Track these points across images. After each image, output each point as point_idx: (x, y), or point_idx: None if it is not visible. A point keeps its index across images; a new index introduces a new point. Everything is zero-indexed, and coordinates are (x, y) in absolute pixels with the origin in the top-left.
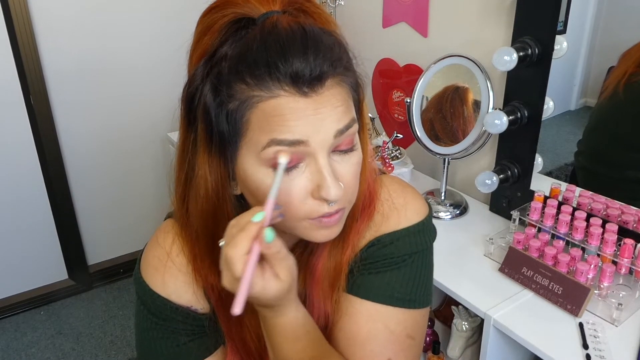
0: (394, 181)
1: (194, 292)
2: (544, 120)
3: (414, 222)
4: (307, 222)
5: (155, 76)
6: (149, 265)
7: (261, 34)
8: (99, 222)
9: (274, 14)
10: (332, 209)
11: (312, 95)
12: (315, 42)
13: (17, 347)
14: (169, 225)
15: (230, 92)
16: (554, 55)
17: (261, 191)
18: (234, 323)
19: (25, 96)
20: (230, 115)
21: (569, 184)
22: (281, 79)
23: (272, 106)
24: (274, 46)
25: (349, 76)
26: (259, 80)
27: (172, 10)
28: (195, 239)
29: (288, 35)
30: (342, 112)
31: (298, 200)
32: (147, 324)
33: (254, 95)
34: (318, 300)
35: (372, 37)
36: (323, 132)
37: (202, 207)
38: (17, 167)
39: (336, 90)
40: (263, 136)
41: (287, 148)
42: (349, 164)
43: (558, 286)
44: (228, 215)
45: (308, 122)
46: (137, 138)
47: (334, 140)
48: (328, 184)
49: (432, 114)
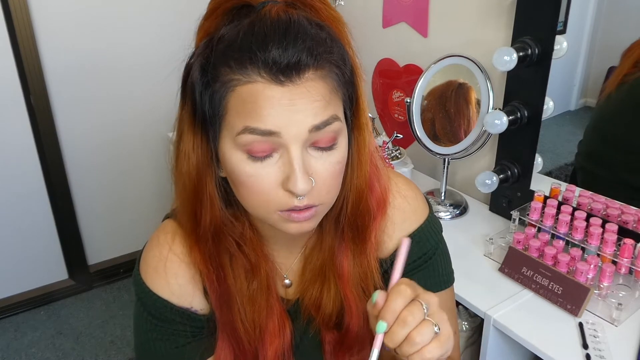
0: (397, 175)
1: (194, 290)
2: (544, 120)
3: (427, 213)
4: (277, 214)
5: (156, 76)
6: (149, 266)
7: (251, 20)
8: (99, 222)
9: (271, 2)
10: (301, 203)
11: (288, 84)
12: (297, 32)
13: (17, 347)
14: (168, 225)
15: (215, 73)
16: (554, 55)
17: (235, 174)
18: (226, 311)
19: (25, 95)
20: (212, 97)
21: (569, 184)
22: (260, 65)
23: (247, 91)
24: (258, 33)
25: (337, 72)
26: (240, 64)
27: (172, 10)
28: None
29: (273, 23)
30: (321, 107)
31: (269, 189)
32: (147, 326)
33: (234, 78)
34: (355, 303)
35: (372, 37)
36: (297, 124)
37: (185, 182)
38: (17, 166)
39: (317, 84)
40: (238, 121)
41: (260, 137)
42: (327, 162)
43: (558, 286)
44: (210, 194)
45: (282, 113)
46: (137, 138)
47: (309, 135)
48: (296, 176)
49: (432, 113)
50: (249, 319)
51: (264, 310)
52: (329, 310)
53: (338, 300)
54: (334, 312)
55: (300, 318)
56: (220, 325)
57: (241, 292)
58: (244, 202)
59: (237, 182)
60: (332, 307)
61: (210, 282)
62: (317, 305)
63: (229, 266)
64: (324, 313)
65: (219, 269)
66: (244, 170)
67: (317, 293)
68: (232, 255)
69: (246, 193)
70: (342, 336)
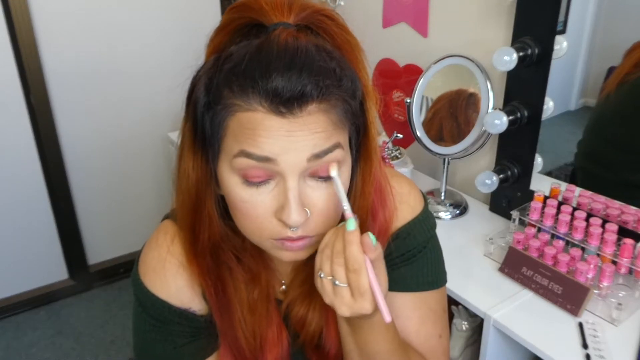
0: (390, 171)
1: (192, 292)
2: (544, 120)
3: (419, 210)
4: (270, 241)
5: (156, 76)
6: (148, 267)
7: (259, 44)
8: (100, 222)
9: (281, 26)
10: (295, 234)
11: (288, 116)
12: (303, 62)
13: (17, 347)
14: (167, 225)
15: (217, 95)
16: (554, 55)
17: (231, 197)
18: (227, 320)
19: (25, 96)
20: (213, 118)
21: (569, 184)
22: (261, 94)
23: (247, 118)
24: (263, 60)
25: (344, 105)
26: (242, 90)
27: (173, 11)
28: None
29: (279, 50)
30: (322, 138)
31: (262, 217)
32: (145, 326)
33: (235, 103)
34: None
35: (372, 37)
36: (295, 154)
37: (185, 199)
38: (18, 167)
39: (319, 117)
40: (235, 145)
41: (255, 163)
42: (326, 193)
43: (558, 286)
44: (208, 212)
45: (278, 142)
46: (137, 138)
47: (308, 164)
48: (290, 207)
49: (441, 118)
50: (249, 328)
51: (264, 320)
52: (312, 328)
53: (322, 319)
54: (317, 331)
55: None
56: (222, 334)
57: (242, 302)
58: (238, 225)
59: (232, 205)
60: (314, 325)
61: (209, 295)
62: (302, 322)
63: (229, 278)
64: (307, 331)
65: (217, 283)
66: (238, 194)
67: (304, 311)
68: (231, 268)
69: (240, 217)
70: (323, 356)
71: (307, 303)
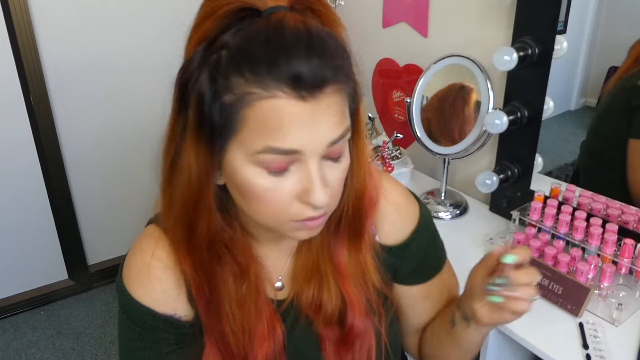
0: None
1: (178, 297)
2: (544, 120)
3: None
4: (290, 224)
5: (155, 75)
6: (132, 273)
7: (266, 29)
8: (99, 222)
9: (280, 9)
10: (317, 213)
11: (310, 100)
12: (320, 46)
13: (17, 347)
14: (151, 230)
15: (227, 84)
16: (554, 55)
17: (249, 188)
18: (214, 316)
19: (25, 95)
20: (224, 108)
21: (569, 184)
22: (281, 79)
23: (267, 107)
24: (278, 44)
25: (348, 84)
26: (258, 76)
27: (171, 9)
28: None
29: (293, 34)
30: (337, 122)
31: (285, 202)
32: (130, 334)
33: (252, 92)
34: (356, 297)
35: (372, 37)
36: (317, 140)
37: (184, 194)
38: (17, 166)
39: (334, 99)
40: (258, 140)
41: (281, 156)
42: (337, 171)
43: (558, 286)
44: (209, 205)
45: (304, 130)
46: (136, 137)
47: (326, 149)
48: (316, 190)
49: (431, 113)
50: (237, 323)
51: (252, 314)
52: (331, 308)
53: (339, 297)
54: (336, 309)
55: (295, 319)
56: (208, 331)
57: (229, 296)
58: (254, 213)
59: (249, 195)
60: (333, 304)
61: (199, 290)
62: (316, 304)
63: (219, 272)
64: (326, 311)
65: (208, 277)
66: (260, 184)
67: (316, 292)
68: (221, 260)
69: (259, 206)
70: (344, 333)
71: (318, 285)
